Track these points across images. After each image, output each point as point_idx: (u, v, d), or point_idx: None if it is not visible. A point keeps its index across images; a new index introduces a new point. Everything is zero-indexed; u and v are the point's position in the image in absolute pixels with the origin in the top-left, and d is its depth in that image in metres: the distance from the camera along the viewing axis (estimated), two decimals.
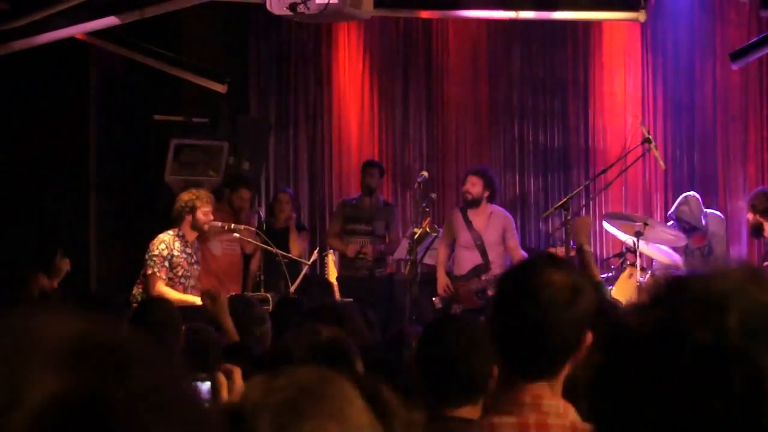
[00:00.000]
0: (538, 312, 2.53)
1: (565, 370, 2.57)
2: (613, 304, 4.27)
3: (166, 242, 8.35)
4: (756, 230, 9.20)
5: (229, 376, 2.43)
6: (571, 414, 2.52)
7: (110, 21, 8.69)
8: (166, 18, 9.37)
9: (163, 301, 6.17)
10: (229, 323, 5.36)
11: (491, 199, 9.76)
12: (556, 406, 2.51)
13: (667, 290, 1.19)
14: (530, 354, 2.55)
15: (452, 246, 9.82)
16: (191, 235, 8.48)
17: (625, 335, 1.18)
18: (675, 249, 9.28)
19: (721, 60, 10.94)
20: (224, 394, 2.40)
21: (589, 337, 2.53)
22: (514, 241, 9.76)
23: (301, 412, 1.42)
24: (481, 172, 9.76)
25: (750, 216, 9.21)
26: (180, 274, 8.38)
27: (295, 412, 1.41)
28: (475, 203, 9.65)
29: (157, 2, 8.68)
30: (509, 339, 2.58)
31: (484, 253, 9.63)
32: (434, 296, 9.74)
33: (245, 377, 2.44)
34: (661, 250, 9.25)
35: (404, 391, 2.94)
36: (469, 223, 9.68)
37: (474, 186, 9.64)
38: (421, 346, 3.46)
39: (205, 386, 2.45)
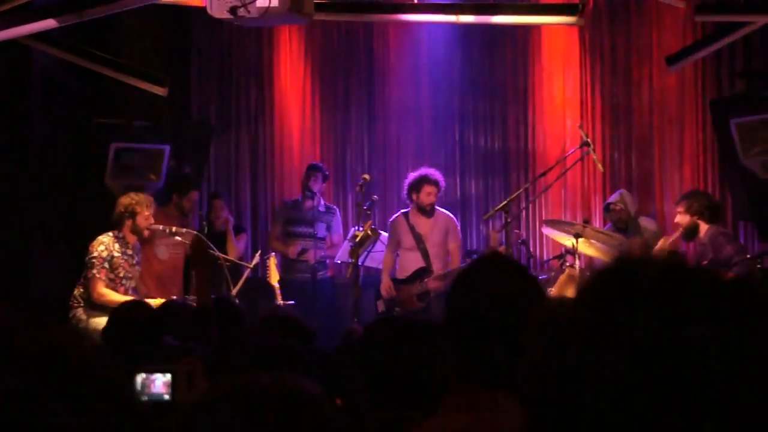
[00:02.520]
0: (513, 329, 2.43)
1: None
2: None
3: (105, 244, 8.37)
4: (691, 232, 9.04)
5: (190, 370, 2.43)
6: None
7: (48, 24, 8.60)
8: (106, 21, 9.31)
9: (139, 304, 6.12)
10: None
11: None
12: (513, 404, 2.47)
13: (597, 282, 1.19)
14: (503, 367, 2.47)
15: (397, 251, 9.89)
16: (132, 238, 8.51)
17: (559, 329, 1.18)
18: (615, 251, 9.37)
19: (658, 64, 11.08)
20: (184, 388, 2.41)
21: None
22: (456, 243, 9.84)
23: None
24: (439, 181, 9.82)
25: (685, 218, 9.04)
26: (122, 275, 8.39)
27: None
28: (433, 211, 9.75)
29: (96, 5, 8.60)
30: (482, 357, 2.52)
31: (426, 255, 9.70)
32: (377, 299, 9.78)
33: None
34: (601, 250, 9.33)
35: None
36: (411, 227, 9.74)
37: (435, 196, 9.73)
38: (361, 349, 3.47)
39: (166, 379, 2.45)
